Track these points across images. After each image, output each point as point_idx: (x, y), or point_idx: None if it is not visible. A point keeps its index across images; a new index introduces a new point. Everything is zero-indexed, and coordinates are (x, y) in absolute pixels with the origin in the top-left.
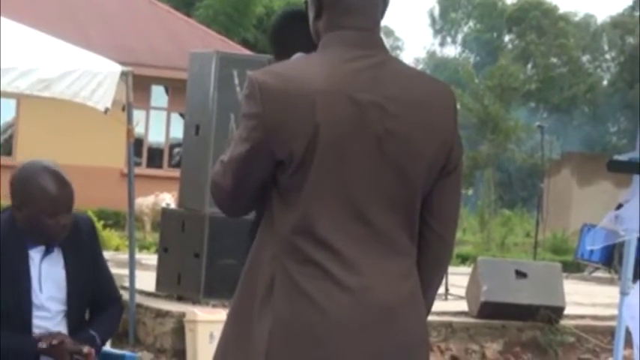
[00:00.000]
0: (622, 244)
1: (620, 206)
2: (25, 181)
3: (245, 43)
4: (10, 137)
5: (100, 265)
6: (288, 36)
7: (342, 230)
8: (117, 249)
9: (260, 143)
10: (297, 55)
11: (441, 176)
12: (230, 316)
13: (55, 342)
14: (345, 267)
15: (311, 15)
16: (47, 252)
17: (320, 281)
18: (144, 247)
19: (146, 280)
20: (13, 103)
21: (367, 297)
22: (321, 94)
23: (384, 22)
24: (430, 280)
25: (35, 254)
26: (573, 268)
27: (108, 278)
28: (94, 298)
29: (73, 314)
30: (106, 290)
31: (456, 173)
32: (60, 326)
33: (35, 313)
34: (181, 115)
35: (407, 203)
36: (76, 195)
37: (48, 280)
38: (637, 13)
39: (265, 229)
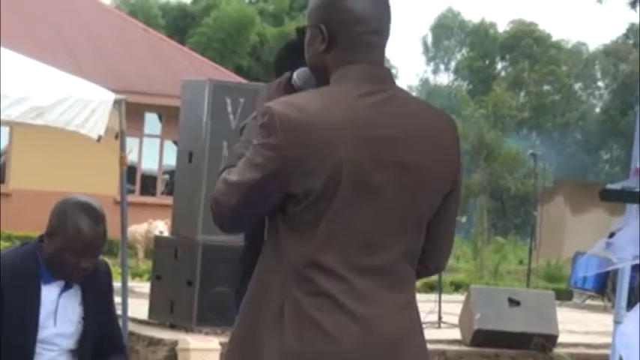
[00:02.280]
0: (615, 273)
1: (612, 234)
2: (61, 212)
3: (239, 70)
4: (4, 165)
5: (112, 313)
6: (292, 66)
7: (353, 262)
8: None
9: (274, 174)
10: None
11: (444, 201)
12: (234, 344)
13: None
14: (356, 298)
15: (316, 47)
16: (66, 287)
17: (331, 313)
18: (137, 275)
19: (139, 308)
20: (6, 130)
21: (376, 327)
22: (341, 130)
23: None
24: None
25: (54, 288)
26: (567, 295)
27: (117, 327)
28: (101, 342)
29: (83, 354)
30: (113, 338)
31: (455, 195)
32: None
33: (41, 346)
34: (175, 142)
35: (417, 233)
36: None
37: (63, 315)
38: (630, 41)
39: (272, 256)
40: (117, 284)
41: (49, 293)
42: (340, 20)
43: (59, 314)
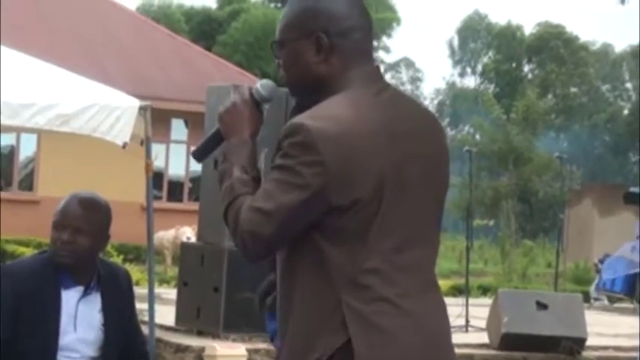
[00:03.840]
0: None
1: None
2: (62, 201)
3: (265, 76)
4: (32, 172)
5: (134, 320)
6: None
7: (399, 262)
8: (137, 283)
9: (321, 190)
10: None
11: None
12: None
13: None
14: (408, 298)
15: (308, 58)
16: (85, 293)
17: (390, 315)
18: (164, 281)
19: (166, 315)
20: (33, 138)
21: (429, 325)
22: (376, 132)
23: (404, 54)
24: None
25: (73, 294)
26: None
27: (140, 334)
28: (123, 349)
29: None
30: (137, 345)
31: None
32: None
33: (63, 353)
34: None
35: (439, 226)
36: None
37: (83, 321)
38: None
39: (317, 274)
40: (144, 290)
41: (68, 298)
42: (339, 29)
43: (79, 320)
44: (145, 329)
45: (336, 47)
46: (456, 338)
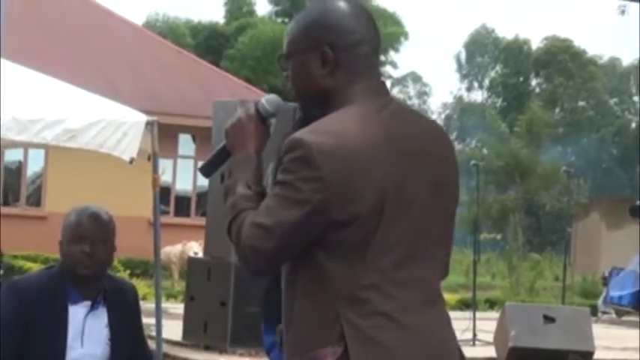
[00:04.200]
0: None
1: None
2: (65, 216)
3: (273, 90)
4: (39, 188)
5: (140, 335)
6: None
7: (399, 278)
8: (144, 298)
9: (321, 206)
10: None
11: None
12: None
13: None
14: (407, 313)
15: (314, 71)
16: (92, 308)
17: (389, 330)
18: (171, 296)
19: (173, 329)
20: (41, 153)
21: (429, 340)
22: (377, 148)
23: (411, 68)
24: None
25: (81, 309)
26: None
27: (146, 349)
28: None
29: None
30: None
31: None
32: None
33: None
34: None
35: (445, 243)
36: None
37: (90, 336)
38: None
39: (316, 289)
40: (151, 305)
41: (76, 314)
42: (345, 42)
43: (86, 335)
44: (152, 344)
45: (341, 61)
46: (464, 352)
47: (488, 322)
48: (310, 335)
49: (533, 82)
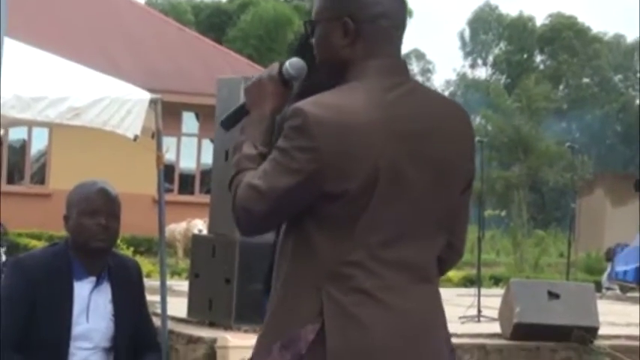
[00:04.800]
0: None
1: None
2: (71, 192)
3: None
4: (43, 166)
5: (144, 311)
6: (311, 58)
7: (384, 257)
8: (148, 275)
9: (312, 177)
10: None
11: (461, 194)
12: (264, 341)
13: None
14: (390, 292)
15: (335, 41)
16: (97, 284)
17: (369, 307)
18: (176, 273)
19: (178, 306)
20: (45, 132)
21: (409, 319)
22: (376, 127)
23: (415, 45)
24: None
25: (85, 285)
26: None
27: (150, 325)
28: (135, 341)
29: (120, 352)
30: (147, 337)
31: (471, 190)
32: None
33: (75, 343)
34: (212, 141)
35: (442, 226)
36: None
37: (95, 312)
38: None
39: (302, 258)
40: (156, 283)
41: (81, 290)
42: (366, 13)
43: (91, 310)
44: (157, 321)
45: (362, 33)
46: (468, 328)
47: (492, 299)
48: (293, 306)
49: (538, 58)
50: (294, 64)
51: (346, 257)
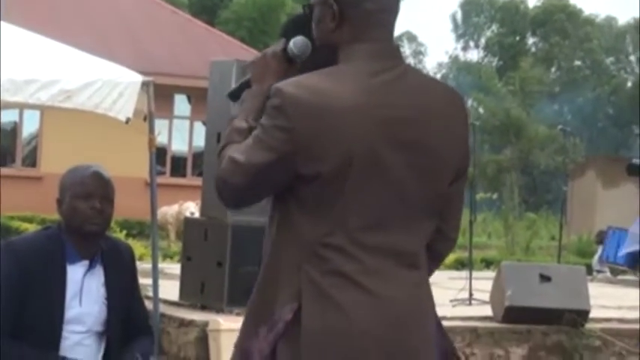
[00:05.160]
0: None
1: None
2: (64, 175)
3: None
4: (35, 148)
5: (137, 294)
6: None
7: (364, 241)
8: (140, 258)
9: (287, 157)
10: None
11: (453, 181)
12: (249, 323)
13: None
14: (370, 277)
15: (326, 24)
16: (90, 267)
17: (348, 291)
18: (168, 256)
19: (170, 290)
20: (37, 114)
21: (390, 304)
22: (353, 112)
23: (407, 28)
24: (431, 270)
25: (78, 268)
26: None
27: (143, 309)
28: (127, 324)
29: (112, 336)
30: (140, 320)
31: (464, 176)
32: (91, 344)
33: (68, 327)
34: (204, 123)
35: (430, 212)
36: None
37: (88, 295)
38: None
39: (284, 237)
40: (147, 266)
41: (74, 273)
42: None
43: (84, 294)
44: (149, 304)
45: (347, 16)
46: (460, 311)
47: (484, 282)
48: (274, 283)
49: (530, 41)
50: (297, 42)
51: (325, 239)
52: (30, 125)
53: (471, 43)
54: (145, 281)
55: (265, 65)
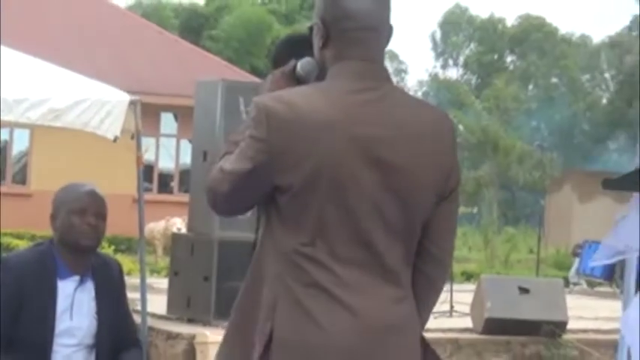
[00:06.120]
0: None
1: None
2: (59, 192)
3: (254, 71)
4: (25, 166)
5: (125, 309)
6: (288, 62)
7: (339, 254)
8: (129, 273)
9: (262, 166)
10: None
11: (439, 202)
12: (232, 329)
13: None
14: (346, 289)
15: (317, 44)
16: (81, 282)
17: (323, 303)
18: (155, 271)
19: (157, 303)
20: (26, 133)
21: (367, 318)
22: (326, 127)
23: (389, 47)
24: (426, 301)
25: (69, 283)
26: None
27: (131, 322)
28: (116, 337)
29: (102, 349)
30: (129, 333)
31: (453, 198)
32: (81, 357)
33: (59, 340)
34: (190, 141)
35: (408, 231)
36: None
37: (79, 309)
38: (634, 33)
39: (267, 244)
40: (136, 280)
41: (65, 288)
42: (332, 16)
43: (75, 308)
44: (137, 318)
45: (331, 35)
46: (441, 323)
47: (464, 294)
48: (255, 298)
49: (508, 59)
50: (304, 64)
51: (299, 249)
52: (20, 143)
53: (450, 62)
54: (133, 295)
55: (274, 84)
